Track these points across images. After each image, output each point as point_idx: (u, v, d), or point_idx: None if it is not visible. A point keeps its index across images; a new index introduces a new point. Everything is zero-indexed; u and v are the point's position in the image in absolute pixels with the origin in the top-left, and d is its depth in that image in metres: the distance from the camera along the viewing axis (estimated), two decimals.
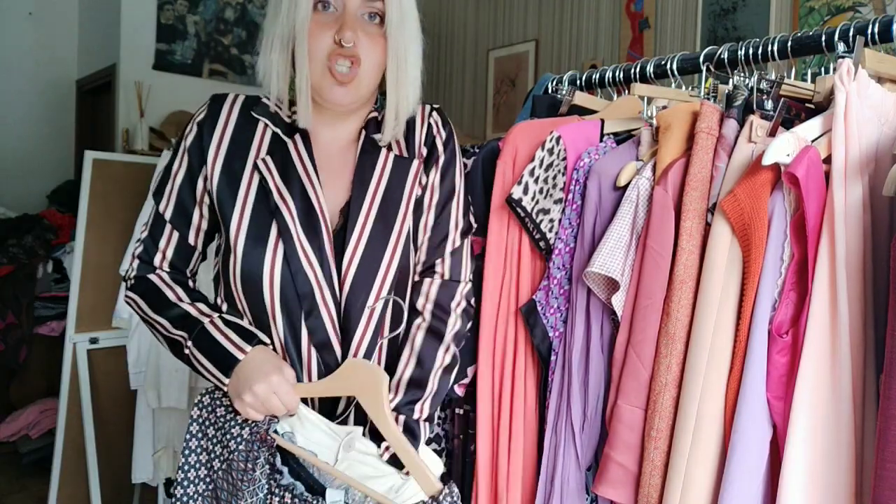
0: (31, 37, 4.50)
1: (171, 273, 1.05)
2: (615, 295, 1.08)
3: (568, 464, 1.12)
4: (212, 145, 1.01)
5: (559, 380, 1.15)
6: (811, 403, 0.88)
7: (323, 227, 0.98)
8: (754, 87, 1.06)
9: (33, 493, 2.93)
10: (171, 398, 2.28)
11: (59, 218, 3.57)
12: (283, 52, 0.99)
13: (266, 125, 1.03)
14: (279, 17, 0.97)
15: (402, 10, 0.98)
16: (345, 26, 0.95)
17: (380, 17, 0.98)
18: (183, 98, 4.27)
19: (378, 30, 0.98)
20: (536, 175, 1.16)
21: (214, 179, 1.00)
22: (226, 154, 1.00)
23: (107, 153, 2.83)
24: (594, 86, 1.45)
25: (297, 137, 1.02)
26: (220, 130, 1.01)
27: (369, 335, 1.00)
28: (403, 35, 0.99)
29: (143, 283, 1.03)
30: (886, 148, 0.92)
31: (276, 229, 0.97)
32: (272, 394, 0.92)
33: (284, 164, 1.00)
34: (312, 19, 0.96)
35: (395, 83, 1.01)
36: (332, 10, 0.97)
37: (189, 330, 0.98)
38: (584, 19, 3.77)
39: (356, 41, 0.96)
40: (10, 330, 3.16)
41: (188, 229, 1.03)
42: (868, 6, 2.68)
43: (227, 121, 1.02)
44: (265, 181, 0.99)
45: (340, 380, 0.95)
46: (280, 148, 1.02)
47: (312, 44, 0.96)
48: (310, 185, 0.99)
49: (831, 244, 0.88)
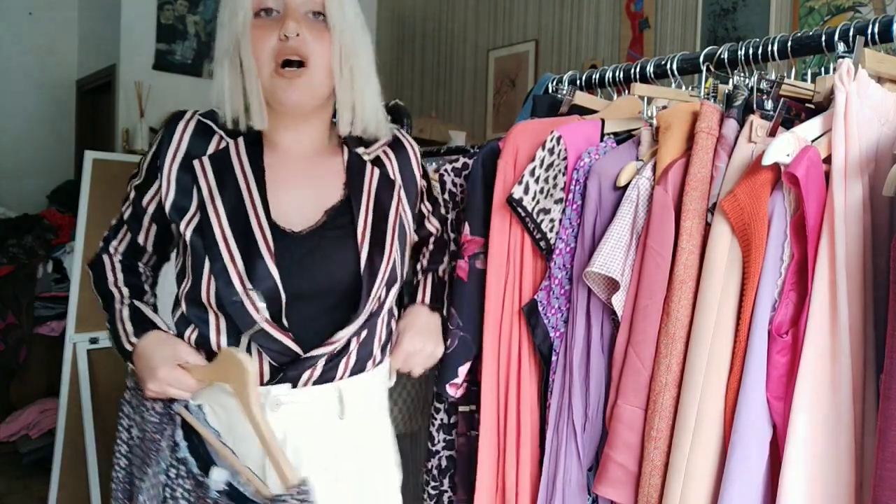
0: (31, 37, 4.50)
1: (122, 258, 1.12)
2: (615, 295, 1.08)
3: (570, 464, 1.12)
4: (167, 158, 1.02)
5: (560, 380, 1.15)
6: (811, 403, 0.88)
7: (255, 226, 0.98)
8: (754, 87, 1.06)
9: (33, 493, 2.93)
10: None
11: (59, 218, 3.57)
12: (231, 64, 0.99)
13: (221, 136, 1.04)
14: (223, 31, 0.99)
15: (342, 5, 0.99)
16: (287, 19, 0.95)
17: (323, 15, 0.99)
18: (183, 98, 4.26)
19: (323, 26, 0.98)
20: (537, 175, 1.16)
21: (170, 191, 1.01)
22: (179, 164, 1.02)
23: (107, 153, 2.83)
24: (594, 86, 1.45)
25: (239, 140, 1.03)
26: (175, 143, 1.03)
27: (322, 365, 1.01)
28: (347, 25, 0.99)
29: (96, 261, 1.12)
30: (886, 148, 0.92)
31: (195, 203, 0.99)
32: (167, 386, 0.96)
33: (222, 163, 1.01)
34: (254, 24, 0.97)
35: (347, 77, 1.01)
36: (275, 15, 0.98)
37: (109, 311, 1.06)
38: (584, 19, 3.77)
39: (301, 34, 0.96)
40: (10, 330, 3.16)
41: (138, 232, 1.10)
42: (868, 6, 2.68)
43: (182, 134, 1.03)
44: (197, 179, 1.00)
45: (215, 367, 0.97)
46: (223, 150, 1.03)
47: (257, 45, 0.96)
48: (244, 182, 1.00)
49: (831, 244, 0.88)
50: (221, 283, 0.96)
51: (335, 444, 1.03)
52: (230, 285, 0.95)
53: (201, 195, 0.99)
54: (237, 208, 0.99)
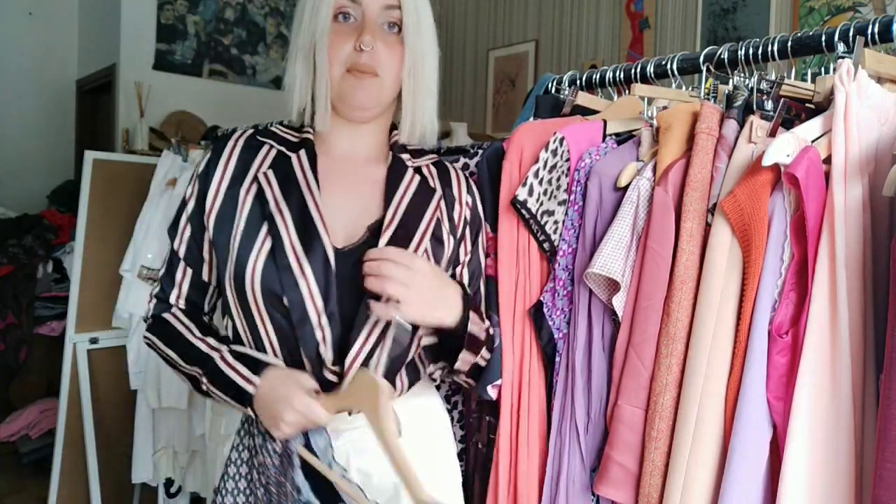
0: (31, 37, 4.50)
1: (186, 311, 1.05)
2: (616, 296, 1.08)
3: (573, 465, 1.12)
4: (215, 177, 1.01)
5: (563, 381, 1.15)
6: (811, 403, 0.88)
7: (323, 236, 0.95)
8: (754, 88, 1.06)
9: (33, 493, 2.93)
10: (171, 398, 2.28)
11: (59, 218, 3.58)
12: (304, 62, 1.01)
13: (270, 146, 1.04)
14: (301, 28, 1.01)
15: (418, 17, 1.01)
16: (364, 31, 0.98)
17: (398, 26, 1.00)
18: (183, 98, 4.27)
19: (396, 38, 1.00)
20: (541, 177, 1.16)
21: (215, 208, 1.00)
22: (228, 182, 1.01)
23: (107, 153, 2.83)
24: (594, 86, 1.45)
25: (301, 152, 1.03)
26: (223, 163, 1.02)
27: (366, 352, 0.96)
28: (420, 41, 1.01)
29: (159, 323, 1.04)
30: (886, 148, 0.92)
31: (265, 229, 0.96)
32: (303, 417, 0.89)
33: (286, 176, 1.00)
34: (332, 28, 0.98)
35: (412, 88, 1.03)
36: (353, 21, 0.99)
37: (202, 366, 0.97)
38: (584, 19, 3.77)
39: (375, 47, 0.98)
40: (10, 330, 3.16)
41: (201, 265, 1.04)
42: (868, 6, 2.68)
43: (231, 152, 1.03)
44: (263, 192, 0.98)
45: (347, 393, 0.91)
46: (283, 162, 1.02)
47: (332, 50, 0.98)
48: (310, 196, 0.98)
49: (831, 244, 0.88)
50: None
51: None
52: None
53: (267, 206, 0.97)
54: (304, 222, 0.96)
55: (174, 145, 2.55)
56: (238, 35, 4.63)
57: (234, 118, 3.18)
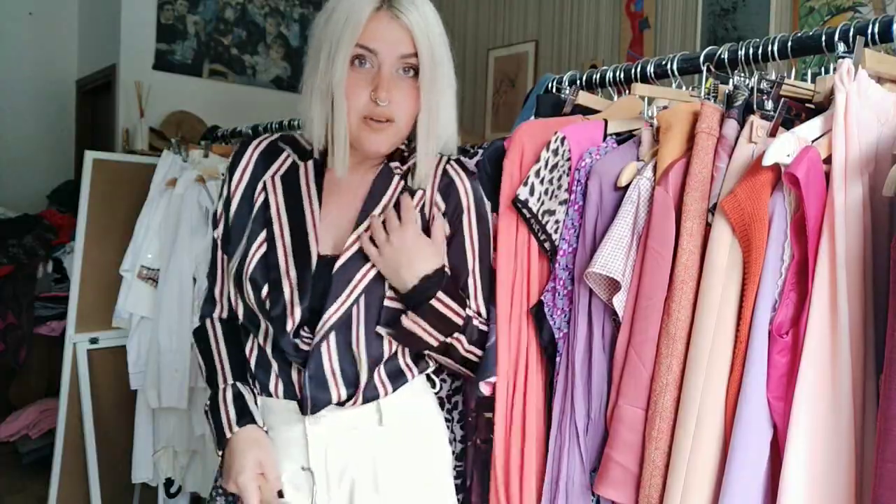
0: (31, 37, 4.50)
1: (226, 321, 1.14)
2: (616, 295, 1.08)
3: (573, 465, 1.12)
4: (234, 180, 1.10)
5: (563, 381, 1.15)
6: (811, 403, 0.88)
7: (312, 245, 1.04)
8: (754, 88, 1.06)
9: (33, 493, 2.93)
10: (171, 398, 2.28)
11: (59, 218, 3.57)
12: (322, 103, 1.03)
13: (288, 154, 1.11)
14: (318, 72, 1.01)
15: (433, 62, 1.02)
16: (380, 86, 0.99)
17: (414, 70, 1.02)
18: (183, 98, 4.27)
19: (412, 83, 1.02)
20: (542, 176, 1.16)
21: (232, 207, 1.09)
22: (246, 184, 1.09)
23: (107, 153, 2.83)
24: (594, 86, 1.45)
25: (309, 163, 1.09)
26: (242, 165, 1.10)
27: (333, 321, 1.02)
28: (436, 88, 1.03)
29: (200, 330, 1.15)
30: (886, 148, 0.92)
31: (264, 234, 1.05)
32: (241, 493, 0.99)
33: (292, 184, 1.08)
34: (349, 76, 0.99)
35: (426, 128, 1.05)
36: (369, 67, 1.00)
37: (212, 388, 1.08)
38: (584, 19, 3.77)
39: (390, 99, 1.00)
40: (10, 330, 3.16)
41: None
42: (868, 6, 2.68)
43: (251, 155, 1.11)
44: (268, 198, 1.07)
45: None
46: (293, 171, 1.09)
47: (350, 100, 1.00)
48: (308, 207, 1.06)
49: (831, 244, 0.88)
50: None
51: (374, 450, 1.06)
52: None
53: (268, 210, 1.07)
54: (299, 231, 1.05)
55: (174, 145, 2.54)
56: (238, 35, 4.64)
57: (234, 118, 3.18)
